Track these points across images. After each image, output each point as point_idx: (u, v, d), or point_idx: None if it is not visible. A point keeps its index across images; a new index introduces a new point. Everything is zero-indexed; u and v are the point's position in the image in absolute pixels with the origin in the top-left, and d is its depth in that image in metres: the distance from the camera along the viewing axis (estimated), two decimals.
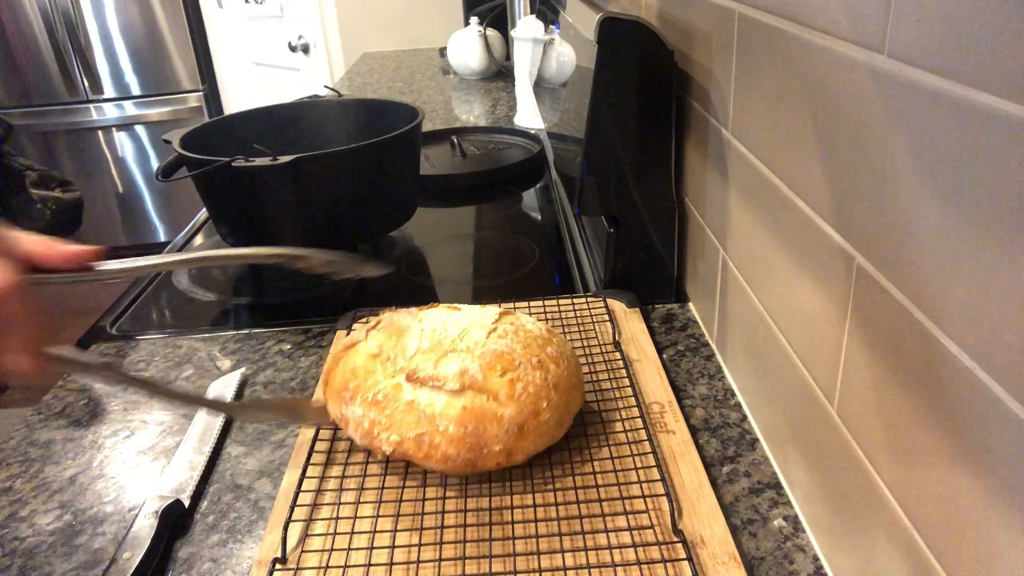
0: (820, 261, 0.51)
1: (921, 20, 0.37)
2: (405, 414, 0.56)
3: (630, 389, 0.68)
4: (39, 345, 0.47)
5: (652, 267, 0.86)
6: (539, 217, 1.19)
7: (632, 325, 0.79)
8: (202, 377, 0.79)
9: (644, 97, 0.78)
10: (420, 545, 0.53)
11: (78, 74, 3.22)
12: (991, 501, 0.34)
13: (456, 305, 0.65)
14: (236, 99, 3.31)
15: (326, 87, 1.27)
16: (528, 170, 1.35)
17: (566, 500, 0.56)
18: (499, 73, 2.13)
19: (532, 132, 1.49)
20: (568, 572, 0.50)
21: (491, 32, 2.12)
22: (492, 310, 0.63)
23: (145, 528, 0.56)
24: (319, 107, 1.15)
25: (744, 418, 0.68)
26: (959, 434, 0.36)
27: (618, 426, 0.64)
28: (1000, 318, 0.32)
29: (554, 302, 0.84)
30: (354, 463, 0.62)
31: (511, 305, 0.84)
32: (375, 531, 0.55)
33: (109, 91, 3.27)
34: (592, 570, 0.50)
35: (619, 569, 0.50)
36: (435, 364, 0.57)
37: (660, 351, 0.78)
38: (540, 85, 1.49)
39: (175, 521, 0.59)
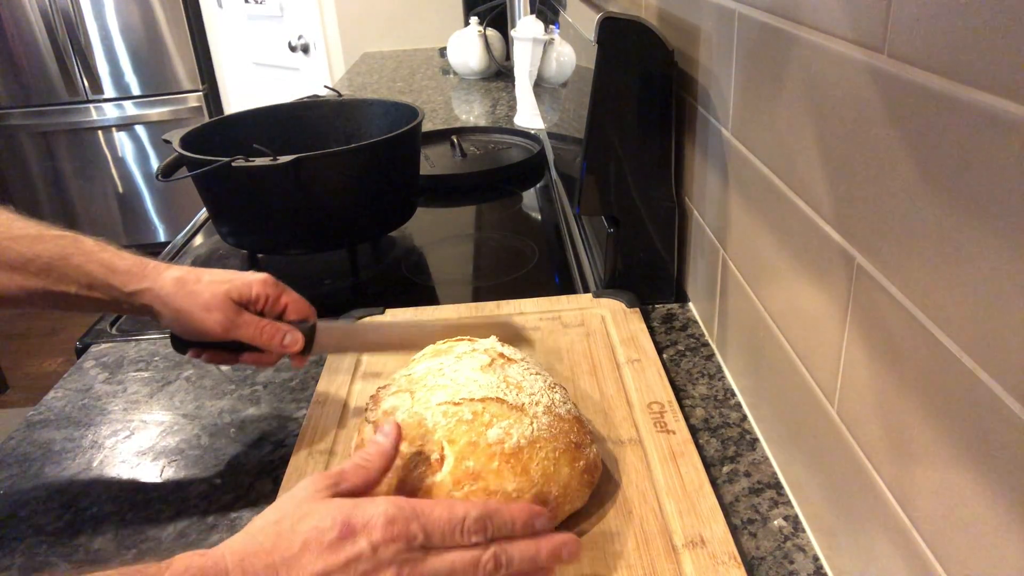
0: (820, 261, 0.51)
1: (921, 20, 0.37)
2: None
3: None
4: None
5: (652, 267, 0.86)
6: (539, 217, 1.19)
7: (632, 325, 0.79)
8: (202, 377, 0.79)
9: (644, 97, 0.78)
10: None
11: (78, 74, 3.22)
12: (991, 501, 0.34)
13: (442, 347, 0.63)
14: (236, 99, 3.30)
15: (326, 87, 1.27)
16: (528, 170, 1.35)
17: None
18: (499, 73, 2.13)
19: (532, 132, 1.49)
20: None
21: (491, 32, 2.12)
22: (478, 386, 0.56)
23: None
24: (319, 107, 1.15)
25: (744, 418, 0.68)
26: (959, 434, 0.36)
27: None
28: (1000, 318, 0.32)
29: (554, 301, 0.84)
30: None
31: (514, 311, 0.84)
32: None
33: (109, 91, 3.27)
34: None
35: None
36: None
37: (660, 351, 0.78)
38: (540, 85, 1.49)
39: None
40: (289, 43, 2.94)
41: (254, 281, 0.62)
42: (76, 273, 0.59)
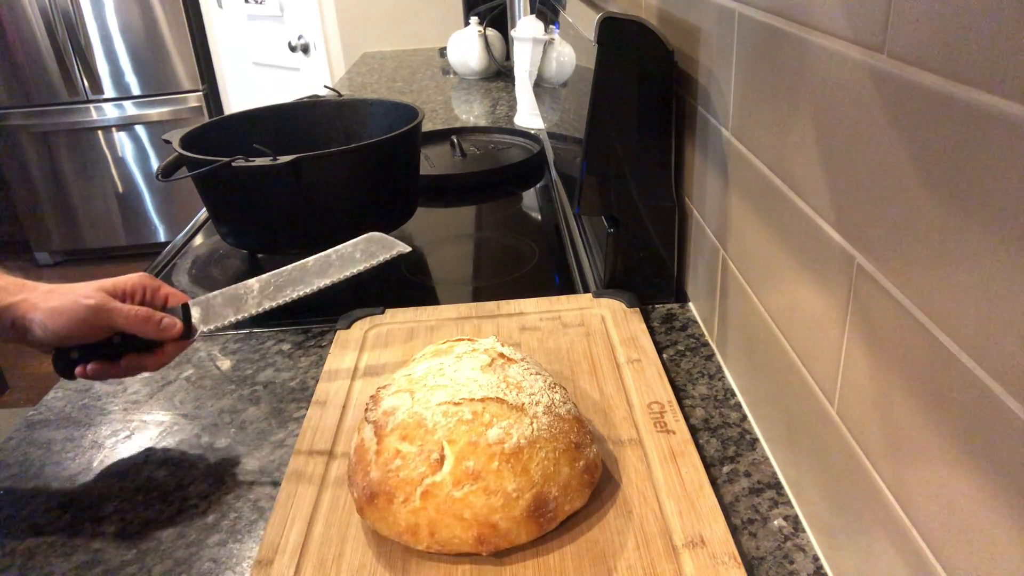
0: (820, 261, 0.51)
1: (921, 20, 0.37)
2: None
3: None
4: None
5: (652, 267, 0.86)
6: (539, 217, 1.19)
7: (632, 325, 0.79)
8: (202, 377, 0.79)
9: (644, 97, 0.78)
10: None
11: (78, 74, 3.22)
12: (991, 501, 0.34)
13: (442, 347, 0.63)
14: (236, 99, 3.31)
15: (326, 87, 1.27)
16: (528, 170, 1.35)
17: None
18: (499, 73, 2.13)
19: (532, 132, 1.49)
20: None
21: (491, 32, 2.12)
22: (476, 387, 0.55)
23: None
24: (319, 107, 1.15)
25: (744, 418, 0.68)
26: (959, 434, 0.36)
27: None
28: (1000, 318, 0.32)
29: (554, 301, 0.84)
30: None
31: (514, 311, 0.84)
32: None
33: (109, 91, 3.27)
34: None
35: None
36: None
37: (660, 351, 0.78)
38: (540, 85, 1.49)
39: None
40: (289, 43, 2.94)
41: (129, 277, 0.65)
42: None
